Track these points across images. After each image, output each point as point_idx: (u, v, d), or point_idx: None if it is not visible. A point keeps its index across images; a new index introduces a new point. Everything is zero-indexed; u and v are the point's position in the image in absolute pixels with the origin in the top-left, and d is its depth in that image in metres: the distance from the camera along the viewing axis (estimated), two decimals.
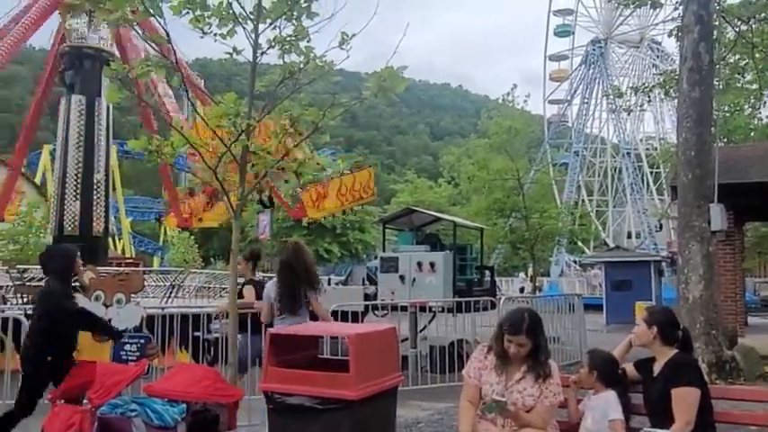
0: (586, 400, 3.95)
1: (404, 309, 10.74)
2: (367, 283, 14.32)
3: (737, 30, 12.99)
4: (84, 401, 3.91)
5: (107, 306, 5.78)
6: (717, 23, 11.78)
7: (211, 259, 49.06)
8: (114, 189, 32.34)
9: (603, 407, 3.77)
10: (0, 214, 18.58)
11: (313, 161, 5.57)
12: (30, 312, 7.25)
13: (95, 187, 16.35)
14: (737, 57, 14.54)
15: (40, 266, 6.23)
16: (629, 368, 3.99)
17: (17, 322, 6.69)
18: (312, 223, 34.73)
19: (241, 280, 6.89)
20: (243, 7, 4.76)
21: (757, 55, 13.35)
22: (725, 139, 20.47)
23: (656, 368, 3.82)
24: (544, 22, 63.62)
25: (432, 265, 10.92)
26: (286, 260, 6.33)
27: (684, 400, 3.55)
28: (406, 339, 10.47)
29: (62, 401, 4.01)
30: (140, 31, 5.26)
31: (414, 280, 10.98)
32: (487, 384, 3.82)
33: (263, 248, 41.23)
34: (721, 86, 14.36)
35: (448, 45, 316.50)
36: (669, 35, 15.36)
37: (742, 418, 3.97)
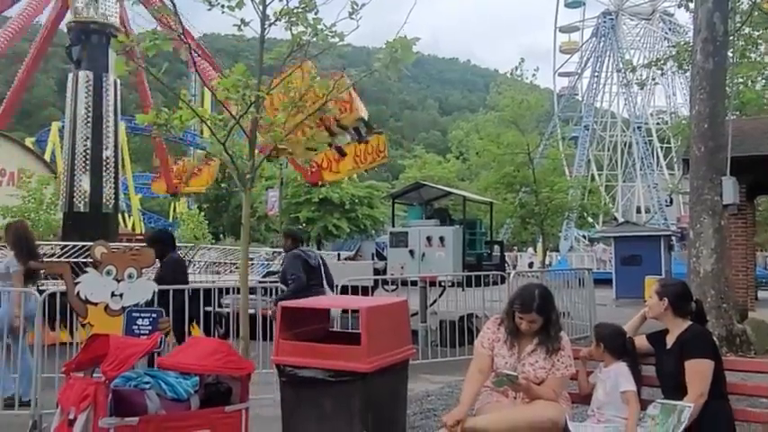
0: (597, 373, 3.95)
1: (413, 283, 10.75)
2: (376, 258, 14.36)
3: (753, 0, 12.76)
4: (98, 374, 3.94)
5: (119, 281, 5.81)
6: None
7: (221, 235, 49.31)
8: (123, 166, 32.34)
9: (615, 378, 3.77)
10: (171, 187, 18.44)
11: (321, 135, 5.54)
12: (42, 288, 7.30)
13: (105, 163, 16.36)
14: (751, 28, 14.29)
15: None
16: (641, 340, 3.98)
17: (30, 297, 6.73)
18: (322, 199, 34.83)
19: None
20: None
21: None
22: (737, 112, 20.22)
23: (669, 340, 3.81)
24: None
25: (441, 239, 10.88)
26: None
27: (698, 372, 3.54)
28: (416, 314, 10.50)
29: (77, 374, 4.04)
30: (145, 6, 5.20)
31: (423, 255, 10.95)
32: (500, 357, 3.83)
33: (271, 224, 41.36)
34: (736, 59, 14.11)
35: (453, 21, 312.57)
36: (679, 6, 15.13)
37: (753, 389, 3.97)
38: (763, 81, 20.55)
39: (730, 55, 11.83)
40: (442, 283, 10.94)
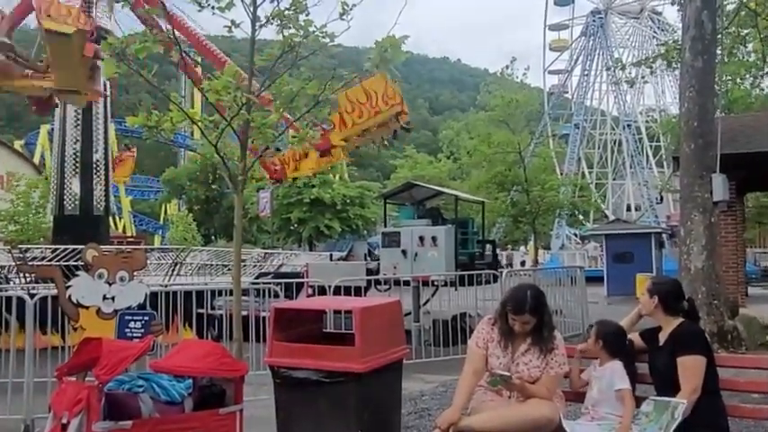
0: (592, 370, 3.95)
1: (406, 283, 10.76)
2: (368, 258, 14.36)
3: None
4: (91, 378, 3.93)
5: (110, 284, 5.78)
6: None
7: (212, 237, 49.15)
8: (114, 168, 32.20)
9: (609, 377, 3.77)
10: None
11: (311, 134, 5.52)
12: (33, 292, 7.25)
13: (95, 166, 16.29)
14: (739, 26, 14.37)
15: None
16: (636, 338, 4.00)
17: (21, 301, 6.69)
18: (313, 199, 34.76)
19: None
20: None
21: (760, 18, 13.14)
22: (726, 110, 20.34)
23: (662, 337, 3.82)
24: None
25: (433, 239, 10.91)
26: None
27: (690, 369, 3.56)
28: (409, 314, 10.51)
29: (69, 378, 4.02)
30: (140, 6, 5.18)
31: (416, 254, 10.98)
32: (494, 357, 3.83)
33: (263, 225, 41.21)
34: (725, 57, 14.18)
35: (443, 21, 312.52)
36: (672, 3, 15.22)
37: (745, 385, 3.98)
38: (751, 79, 20.68)
39: (718, 53, 11.90)
40: (435, 283, 10.97)
